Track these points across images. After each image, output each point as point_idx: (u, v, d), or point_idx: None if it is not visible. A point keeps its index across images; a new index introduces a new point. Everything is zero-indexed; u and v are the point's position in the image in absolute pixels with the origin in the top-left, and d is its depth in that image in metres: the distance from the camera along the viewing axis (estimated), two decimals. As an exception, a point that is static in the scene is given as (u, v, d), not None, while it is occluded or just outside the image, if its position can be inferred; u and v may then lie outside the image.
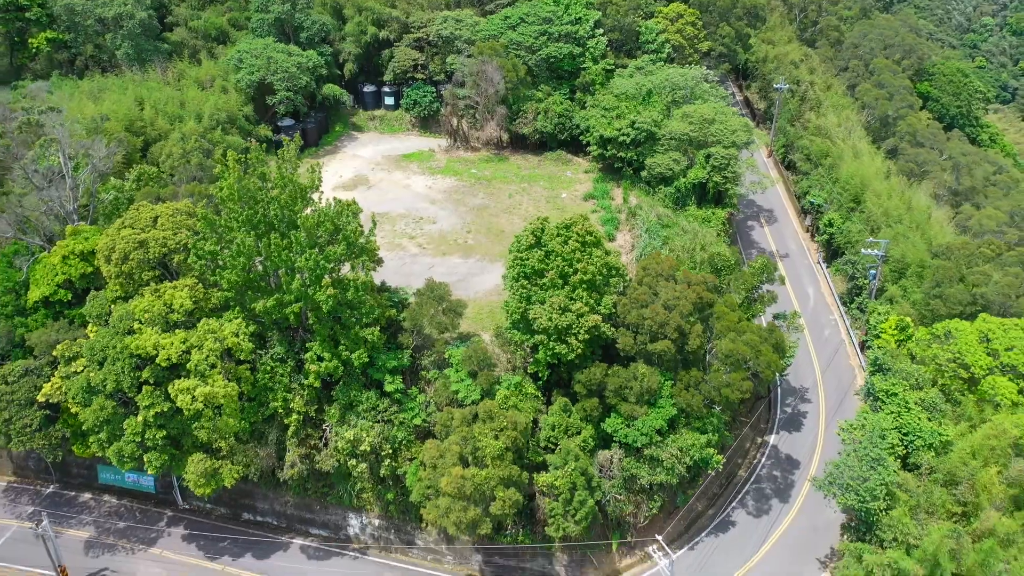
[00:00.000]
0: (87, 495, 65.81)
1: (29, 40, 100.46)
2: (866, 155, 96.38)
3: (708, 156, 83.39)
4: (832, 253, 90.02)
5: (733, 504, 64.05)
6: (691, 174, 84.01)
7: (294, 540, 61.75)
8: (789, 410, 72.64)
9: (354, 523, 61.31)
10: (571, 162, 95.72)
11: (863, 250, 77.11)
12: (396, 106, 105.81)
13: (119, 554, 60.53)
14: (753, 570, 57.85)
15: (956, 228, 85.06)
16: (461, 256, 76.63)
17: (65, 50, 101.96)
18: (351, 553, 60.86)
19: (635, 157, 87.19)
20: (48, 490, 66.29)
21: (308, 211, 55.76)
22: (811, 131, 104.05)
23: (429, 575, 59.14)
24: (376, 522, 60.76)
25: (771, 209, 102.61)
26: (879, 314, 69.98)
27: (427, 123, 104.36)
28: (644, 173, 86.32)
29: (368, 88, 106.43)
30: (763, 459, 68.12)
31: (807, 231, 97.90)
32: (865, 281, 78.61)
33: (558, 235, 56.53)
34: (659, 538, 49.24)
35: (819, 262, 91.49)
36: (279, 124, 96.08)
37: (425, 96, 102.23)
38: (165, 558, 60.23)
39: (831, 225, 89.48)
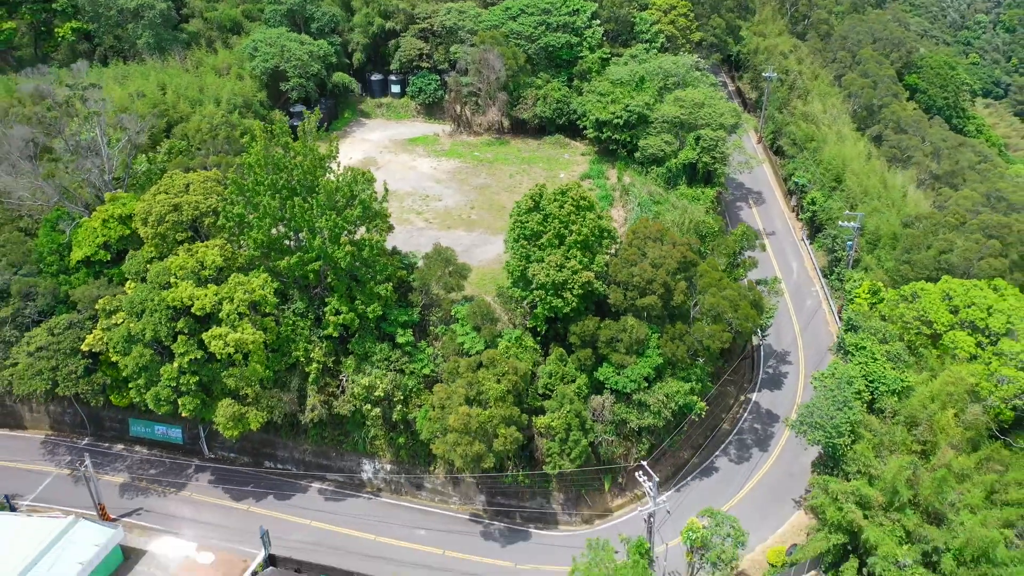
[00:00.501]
0: (119, 446, 71.01)
1: (55, 30, 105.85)
2: (849, 139, 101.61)
3: (698, 138, 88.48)
4: (815, 230, 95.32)
5: (716, 453, 69.42)
6: (682, 155, 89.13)
7: (312, 484, 67.06)
8: (771, 371, 77.98)
9: (367, 468, 66.57)
10: (569, 145, 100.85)
11: (841, 223, 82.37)
12: (402, 94, 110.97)
13: (152, 496, 65.82)
14: (734, 508, 62.99)
15: (935, 208, 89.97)
16: (465, 230, 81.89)
17: (87, 40, 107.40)
18: (365, 495, 66.17)
19: (629, 139, 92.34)
20: (83, 442, 71.49)
21: (328, 177, 61.17)
22: (798, 117, 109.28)
23: (437, 513, 64.46)
24: (388, 467, 66.02)
25: (759, 191, 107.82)
26: (854, 281, 75.16)
27: (432, 110, 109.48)
28: (637, 154, 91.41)
29: (375, 77, 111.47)
30: (745, 414, 73.48)
31: (792, 211, 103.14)
32: (843, 253, 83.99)
33: (555, 200, 61.80)
34: (644, 464, 54.43)
35: (803, 239, 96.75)
36: (291, 110, 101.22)
37: (430, 84, 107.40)
38: (195, 499, 65.48)
39: (814, 203, 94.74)
